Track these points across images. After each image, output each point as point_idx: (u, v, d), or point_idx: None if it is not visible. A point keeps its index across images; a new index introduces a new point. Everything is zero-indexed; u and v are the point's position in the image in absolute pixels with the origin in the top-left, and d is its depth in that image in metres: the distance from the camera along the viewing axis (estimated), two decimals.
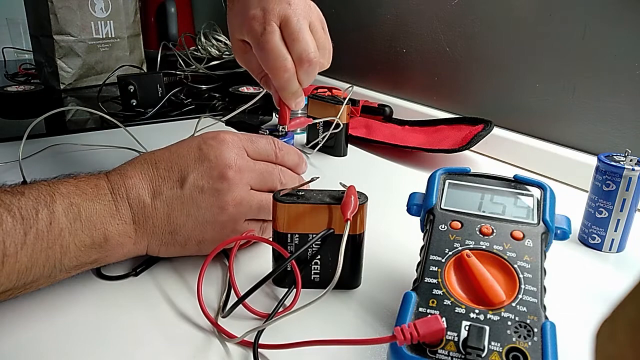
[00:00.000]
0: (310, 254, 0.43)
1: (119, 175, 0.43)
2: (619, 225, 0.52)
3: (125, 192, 0.42)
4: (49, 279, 0.38)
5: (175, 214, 0.42)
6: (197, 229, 0.43)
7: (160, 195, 0.42)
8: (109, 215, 0.40)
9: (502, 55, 0.78)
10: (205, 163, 0.43)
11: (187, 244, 0.44)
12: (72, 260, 0.38)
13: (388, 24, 0.97)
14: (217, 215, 0.43)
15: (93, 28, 1.10)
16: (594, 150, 0.68)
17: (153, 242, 0.43)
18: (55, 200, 0.38)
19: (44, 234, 0.36)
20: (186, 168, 0.43)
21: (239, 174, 0.43)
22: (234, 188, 0.43)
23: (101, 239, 0.40)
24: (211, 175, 0.43)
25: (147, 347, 0.38)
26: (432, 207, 0.40)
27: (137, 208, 0.42)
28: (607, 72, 0.66)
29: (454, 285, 0.35)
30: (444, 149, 0.74)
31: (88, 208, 0.39)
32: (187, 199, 0.42)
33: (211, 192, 0.42)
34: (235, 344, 0.38)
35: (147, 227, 0.42)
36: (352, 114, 0.88)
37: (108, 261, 0.42)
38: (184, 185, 0.42)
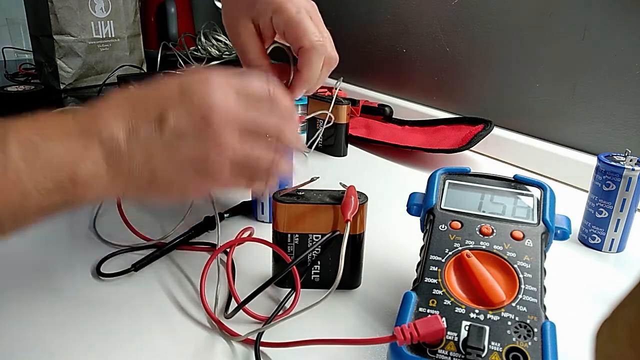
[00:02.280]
0: (311, 255, 0.43)
1: (88, 114, 0.38)
2: (619, 225, 0.52)
3: (95, 131, 0.36)
4: (14, 223, 0.35)
5: (154, 159, 0.37)
6: (179, 176, 0.38)
7: (137, 137, 0.37)
8: (75, 156, 0.35)
9: (502, 55, 0.78)
10: (186, 103, 0.38)
11: (168, 191, 0.39)
12: (36, 204, 0.34)
13: (388, 24, 0.97)
14: (199, 163, 0.38)
15: (93, 28, 1.10)
16: (594, 150, 0.68)
17: (130, 188, 0.38)
18: (9, 142, 0.33)
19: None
20: (166, 108, 0.37)
21: (224, 118, 0.38)
22: (218, 134, 0.37)
23: (66, 182, 0.35)
24: (193, 117, 0.37)
25: (151, 344, 0.38)
26: (432, 207, 0.40)
27: (109, 149, 0.36)
28: (607, 72, 0.66)
29: (454, 285, 0.35)
30: (444, 149, 0.74)
31: (49, 148, 0.35)
32: (167, 142, 0.37)
33: (193, 137, 0.37)
34: (237, 342, 0.38)
35: (123, 172, 0.37)
36: (352, 114, 0.88)
37: (79, 205, 0.37)
38: (163, 127, 0.37)
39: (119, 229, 0.52)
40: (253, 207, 0.57)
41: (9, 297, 0.43)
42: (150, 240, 0.51)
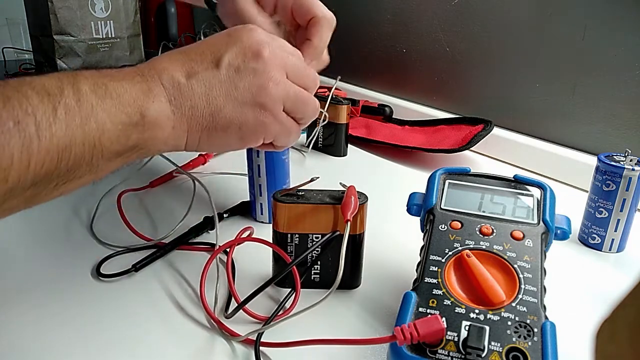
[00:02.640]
0: (311, 255, 0.43)
1: (147, 63, 0.40)
2: (619, 225, 0.52)
3: (156, 74, 0.39)
4: (91, 166, 0.35)
5: (214, 94, 0.40)
6: (238, 110, 0.41)
7: (196, 75, 0.40)
8: (141, 93, 0.37)
9: (502, 55, 0.78)
10: (237, 44, 0.41)
11: (228, 129, 0.41)
12: (112, 141, 0.36)
13: (388, 24, 0.97)
14: (256, 96, 0.41)
15: (93, 28, 1.10)
16: (594, 150, 0.68)
17: (193, 127, 0.40)
18: (79, 81, 0.35)
19: (75, 110, 0.34)
20: (219, 50, 0.41)
21: (274, 55, 0.41)
22: (271, 68, 0.41)
23: (138, 116, 0.37)
24: (246, 55, 0.41)
25: (151, 344, 0.38)
26: (432, 207, 0.40)
27: (171, 88, 0.39)
28: (607, 72, 0.66)
29: (454, 285, 0.35)
30: (444, 149, 0.74)
31: (117, 87, 0.36)
32: (225, 78, 0.40)
33: (248, 72, 0.41)
34: (237, 342, 0.38)
35: (186, 109, 0.39)
36: (352, 114, 0.88)
37: (148, 148, 0.39)
38: (220, 65, 0.40)
39: (117, 231, 0.52)
40: (252, 207, 0.57)
41: (9, 297, 0.43)
42: (150, 241, 0.51)
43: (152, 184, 0.64)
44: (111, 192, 0.61)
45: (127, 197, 0.61)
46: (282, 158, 0.55)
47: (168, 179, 0.66)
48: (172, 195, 0.62)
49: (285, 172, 0.56)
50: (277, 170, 0.55)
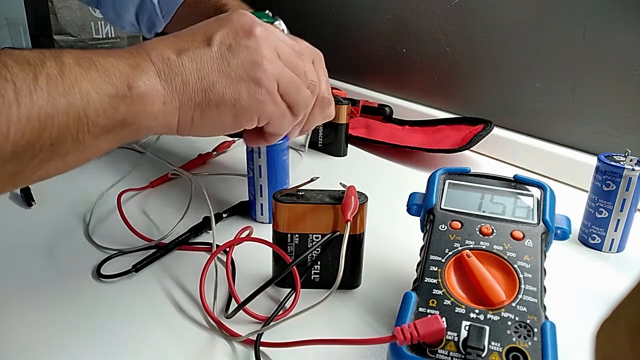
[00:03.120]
0: (311, 255, 0.43)
1: (136, 45, 0.39)
2: (619, 225, 0.52)
3: (145, 52, 0.38)
4: (77, 142, 0.34)
5: (206, 70, 0.39)
6: (231, 85, 0.40)
7: (186, 51, 0.39)
8: (128, 67, 0.36)
9: (502, 55, 0.78)
10: (229, 25, 0.41)
11: (222, 105, 0.40)
12: (98, 112, 0.34)
13: (388, 24, 0.97)
14: (250, 71, 0.40)
15: (93, 28, 1.10)
16: (594, 150, 0.68)
17: (185, 103, 0.39)
18: (63, 54, 0.34)
19: (57, 79, 0.32)
20: (210, 30, 0.40)
21: (266, 34, 0.41)
22: (263, 47, 0.40)
23: (125, 89, 0.35)
24: (237, 34, 0.40)
25: (151, 344, 0.38)
26: (432, 207, 0.40)
27: (161, 65, 0.38)
28: (607, 72, 0.66)
29: (454, 285, 0.35)
30: (444, 149, 0.74)
31: (102, 61, 0.35)
32: (216, 55, 0.39)
33: (241, 49, 0.40)
34: (237, 342, 0.38)
35: (176, 85, 0.38)
36: (352, 114, 0.88)
37: (138, 124, 0.37)
38: (211, 43, 0.40)
39: (117, 233, 0.52)
40: (252, 208, 0.57)
41: (9, 297, 0.43)
42: (150, 241, 0.51)
43: (153, 184, 0.64)
44: (111, 192, 0.61)
45: (127, 197, 0.61)
46: (282, 158, 0.55)
47: (168, 179, 0.66)
48: (172, 196, 0.62)
49: (286, 173, 0.56)
50: (278, 171, 0.55)
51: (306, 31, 0.67)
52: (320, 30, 1.11)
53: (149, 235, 0.51)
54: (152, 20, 0.71)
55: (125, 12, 0.72)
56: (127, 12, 0.72)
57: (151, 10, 0.70)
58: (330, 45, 1.08)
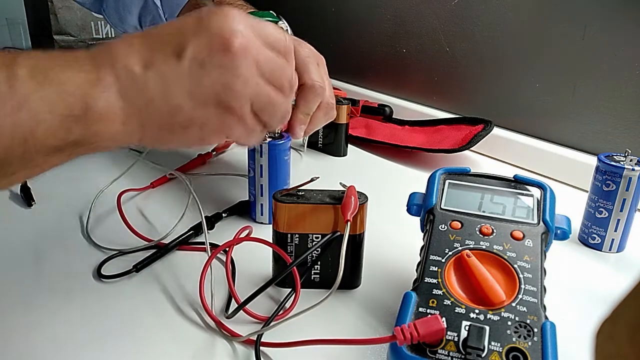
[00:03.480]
0: (311, 255, 0.43)
1: (102, 49, 0.35)
2: (619, 225, 0.52)
3: (109, 61, 0.34)
4: (24, 161, 0.32)
5: (173, 89, 0.35)
6: (200, 110, 0.36)
7: (153, 66, 0.34)
8: (87, 83, 0.33)
9: (502, 55, 0.78)
10: (205, 33, 0.35)
11: (188, 128, 0.36)
12: (48, 134, 0.31)
13: (388, 24, 0.97)
14: (221, 95, 0.36)
15: (93, 28, 1.10)
16: (594, 150, 0.68)
17: (148, 124, 0.35)
18: (18, 63, 0.31)
19: (5, 96, 0.30)
20: (183, 38, 0.35)
21: (245, 48, 0.36)
22: (240, 64, 0.35)
23: (81, 109, 0.32)
24: (212, 47, 0.35)
25: (152, 344, 0.38)
26: (432, 207, 0.40)
27: (124, 79, 0.34)
28: (607, 72, 0.66)
29: (454, 285, 0.35)
30: (444, 149, 0.74)
31: (60, 73, 0.32)
32: (186, 73, 0.35)
33: (214, 67, 0.35)
34: (237, 342, 0.38)
35: (139, 105, 0.34)
36: (352, 114, 0.88)
37: (95, 145, 0.34)
38: (182, 56, 0.35)
39: (117, 233, 0.52)
40: (252, 208, 0.57)
41: (9, 297, 0.43)
42: (150, 241, 0.51)
43: (153, 184, 0.64)
44: (111, 192, 0.61)
45: (127, 197, 0.61)
46: (284, 159, 0.55)
47: (168, 180, 0.66)
48: (172, 196, 0.62)
49: (287, 173, 0.56)
50: (279, 171, 0.55)
51: (306, 31, 0.67)
52: (320, 30, 1.11)
53: (149, 236, 0.51)
54: (155, 23, 0.71)
55: (129, 15, 0.71)
56: (130, 15, 0.71)
57: (154, 13, 0.69)
58: (330, 45, 1.08)
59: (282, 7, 0.76)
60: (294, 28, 0.68)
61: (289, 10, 0.83)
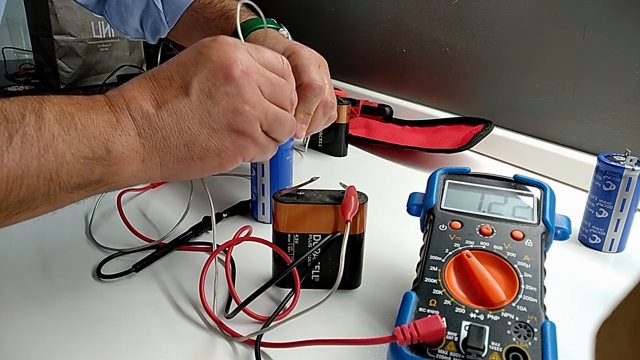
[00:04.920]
0: (311, 256, 0.43)
1: (116, 91, 0.38)
2: (619, 225, 0.52)
3: (125, 104, 0.37)
4: (47, 198, 0.34)
5: (187, 123, 0.38)
6: (214, 137, 0.38)
7: (165, 104, 0.37)
8: (108, 126, 0.35)
9: (502, 55, 0.78)
10: (207, 65, 0.38)
11: (206, 158, 0.39)
12: (71, 174, 0.34)
13: (388, 24, 0.97)
14: (232, 121, 0.38)
15: (93, 28, 1.10)
16: (594, 150, 0.68)
17: (167, 159, 0.38)
18: (45, 107, 0.33)
19: (33, 139, 0.32)
20: (187, 73, 0.38)
21: (246, 74, 0.39)
22: (244, 89, 0.38)
23: (103, 151, 0.35)
24: (216, 77, 0.38)
25: (152, 344, 0.38)
26: (432, 207, 0.40)
27: (141, 120, 0.37)
28: (607, 72, 0.66)
29: (454, 285, 0.35)
30: (444, 149, 0.74)
31: (83, 117, 0.35)
32: (196, 105, 0.38)
33: (221, 96, 0.38)
34: (237, 342, 0.38)
35: (157, 141, 0.37)
36: (352, 114, 0.88)
37: (116, 183, 0.37)
38: (190, 92, 0.38)
39: (117, 233, 0.52)
40: (254, 207, 0.57)
41: (9, 298, 0.43)
42: (151, 241, 0.51)
43: (153, 185, 0.64)
44: (111, 192, 0.61)
45: (127, 197, 0.61)
46: (286, 159, 0.55)
47: None
48: (172, 196, 0.62)
49: (289, 173, 0.56)
50: (280, 171, 0.55)
51: (306, 32, 0.67)
52: (320, 31, 1.11)
53: (149, 236, 0.51)
54: (157, 26, 0.71)
55: (130, 18, 0.71)
56: (132, 18, 0.71)
57: (156, 16, 0.70)
58: (330, 45, 1.08)
59: (282, 8, 0.76)
60: (294, 29, 0.68)
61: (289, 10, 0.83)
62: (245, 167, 0.64)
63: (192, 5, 0.68)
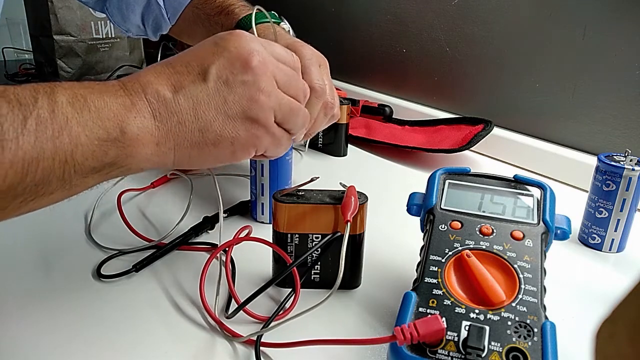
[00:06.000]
0: (311, 256, 0.43)
1: (131, 77, 0.38)
2: (619, 225, 0.52)
3: (140, 89, 0.37)
4: (62, 182, 0.34)
5: (203, 108, 0.38)
6: (229, 124, 0.39)
7: (182, 89, 0.38)
8: (123, 108, 0.35)
9: (502, 55, 0.78)
10: (225, 54, 0.39)
11: (220, 144, 0.39)
12: (86, 156, 0.34)
13: (388, 24, 0.97)
14: (247, 109, 0.39)
15: (93, 28, 1.10)
16: (594, 150, 0.68)
17: (182, 143, 0.38)
18: (57, 91, 0.34)
19: (47, 121, 0.32)
20: (205, 61, 0.39)
21: (263, 64, 0.39)
22: (261, 79, 0.39)
23: (117, 132, 0.35)
24: (234, 66, 0.39)
25: (152, 344, 0.38)
26: (432, 207, 0.40)
27: (157, 103, 0.37)
28: (607, 72, 0.66)
29: (454, 285, 0.35)
30: (444, 149, 0.74)
31: (97, 100, 0.35)
32: (213, 92, 0.38)
33: (237, 84, 0.39)
34: (238, 342, 0.38)
35: (172, 125, 0.37)
36: (352, 114, 0.88)
37: (129, 165, 0.37)
38: (207, 78, 0.38)
39: (117, 233, 0.52)
40: (253, 208, 0.57)
41: (9, 298, 0.43)
42: (151, 241, 0.51)
43: (154, 184, 0.64)
44: (111, 192, 0.61)
45: (127, 197, 0.61)
46: (285, 159, 0.55)
47: (169, 180, 0.66)
48: (172, 196, 0.62)
49: (289, 173, 0.56)
50: (280, 171, 0.55)
51: (307, 31, 0.67)
52: (320, 30, 1.11)
53: (149, 235, 0.51)
54: (158, 22, 0.71)
55: (132, 14, 0.71)
56: (134, 14, 0.71)
57: (157, 12, 0.70)
58: (330, 45, 1.08)
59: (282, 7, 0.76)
60: (294, 28, 0.68)
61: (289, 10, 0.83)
62: (245, 167, 0.64)
63: (193, 2, 0.68)
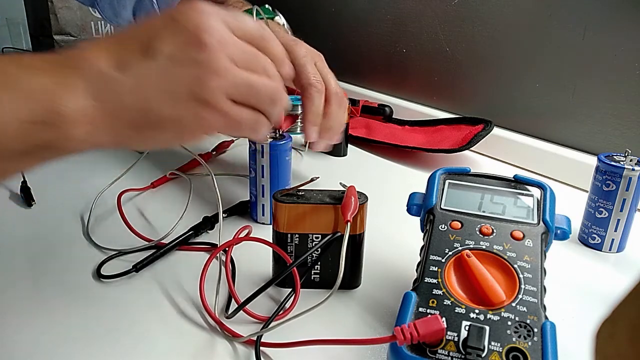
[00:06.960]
0: (312, 256, 0.43)
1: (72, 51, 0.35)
2: (619, 225, 0.52)
3: (80, 64, 0.34)
4: None
5: (145, 87, 0.34)
6: (172, 106, 0.35)
7: (125, 65, 0.34)
8: (54, 85, 0.32)
9: (502, 55, 0.78)
10: (178, 29, 0.35)
11: (160, 126, 0.36)
12: (12, 139, 0.31)
13: (388, 24, 0.97)
14: (195, 90, 0.35)
15: (93, 28, 1.10)
16: (594, 150, 0.68)
17: (120, 124, 0.35)
18: None
19: None
20: (154, 36, 0.35)
21: (219, 43, 0.35)
22: (215, 58, 0.35)
23: (49, 114, 0.32)
24: (186, 43, 0.35)
25: (152, 344, 0.38)
26: (432, 207, 0.40)
27: (95, 80, 0.34)
28: (607, 72, 0.66)
29: (454, 285, 0.35)
30: (444, 149, 0.74)
31: (24, 77, 0.32)
32: (159, 69, 0.35)
33: (187, 63, 0.35)
34: (238, 342, 0.38)
35: (112, 106, 0.34)
36: (352, 114, 0.88)
37: (65, 147, 0.34)
38: (154, 53, 0.34)
39: (117, 233, 0.52)
40: (253, 208, 0.57)
41: (9, 299, 0.43)
42: (150, 241, 0.51)
43: (154, 184, 0.64)
44: (111, 192, 0.61)
45: (127, 197, 0.61)
46: (285, 159, 0.55)
47: (169, 180, 0.66)
48: (171, 196, 0.62)
49: (288, 173, 0.56)
50: (280, 171, 0.55)
51: (306, 31, 0.67)
52: (320, 30, 1.11)
53: (149, 235, 0.51)
54: None
55: (123, 10, 0.71)
56: (125, 10, 0.71)
57: (149, 8, 0.69)
58: (330, 45, 1.08)
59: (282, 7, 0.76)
60: (293, 28, 0.68)
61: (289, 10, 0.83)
62: (245, 167, 0.64)
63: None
